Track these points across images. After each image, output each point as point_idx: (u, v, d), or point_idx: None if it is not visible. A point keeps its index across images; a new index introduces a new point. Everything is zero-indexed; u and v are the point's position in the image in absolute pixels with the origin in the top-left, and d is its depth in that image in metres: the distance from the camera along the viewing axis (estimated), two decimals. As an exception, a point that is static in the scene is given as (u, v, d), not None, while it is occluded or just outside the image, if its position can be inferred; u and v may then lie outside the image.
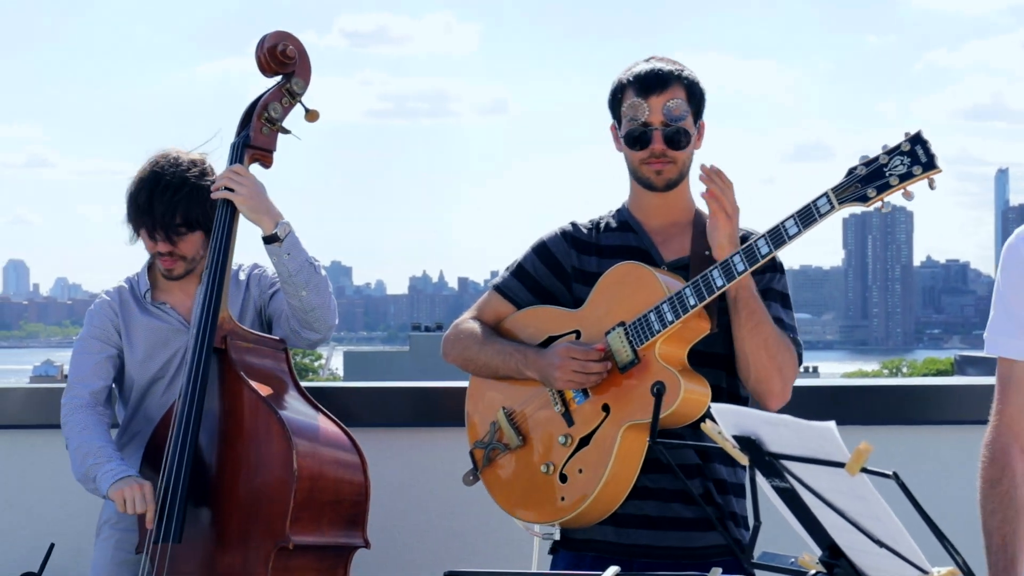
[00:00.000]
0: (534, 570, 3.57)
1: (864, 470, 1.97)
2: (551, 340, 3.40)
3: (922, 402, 4.44)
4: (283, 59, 3.87)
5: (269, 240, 3.80)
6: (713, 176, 3.22)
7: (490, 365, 3.48)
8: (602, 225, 3.50)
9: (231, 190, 3.81)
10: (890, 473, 1.97)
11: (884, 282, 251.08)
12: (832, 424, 1.98)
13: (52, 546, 3.80)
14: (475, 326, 3.54)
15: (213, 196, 3.84)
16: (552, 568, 3.43)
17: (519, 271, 3.54)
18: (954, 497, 3.98)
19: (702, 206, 3.43)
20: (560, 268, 3.49)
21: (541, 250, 3.53)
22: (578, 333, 3.37)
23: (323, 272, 3.89)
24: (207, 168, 3.93)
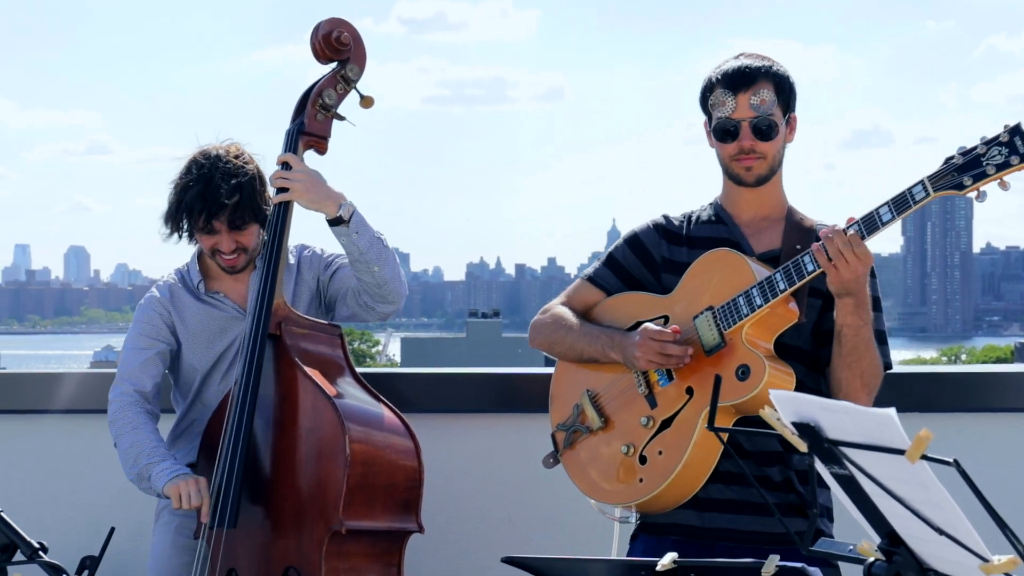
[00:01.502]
0: (613, 555, 3.57)
1: (924, 457, 1.94)
2: (639, 325, 3.41)
3: (981, 389, 4.40)
4: (338, 46, 3.87)
5: (335, 223, 3.80)
6: (833, 238, 3.18)
7: (576, 348, 3.51)
8: (694, 218, 3.53)
9: (286, 190, 3.80)
10: (951, 460, 1.94)
11: (943, 269, 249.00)
12: (892, 411, 1.96)
13: (112, 530, 3.81)
14: (563, 311, 3.58)
15: (273, 200, 3.83)
16: (631, 553, 3.44)
17: (610, 260, 3.58)
18: (1014, 484, 3.94)
19: (794, 202, 3.45)
20: (650, 258, 3.52)
21: (632, 240, 3.57)
22: (666, 318, 3.40)
23: (388, 244, 3.88)
24: (246, 156, 3.93)
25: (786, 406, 2.14)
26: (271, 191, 3.88)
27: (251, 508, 3.72)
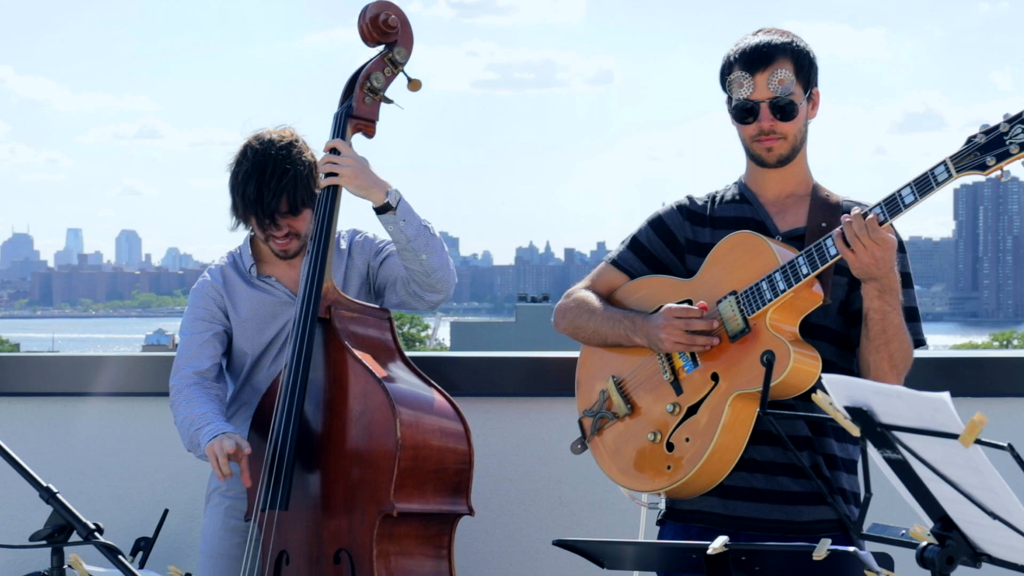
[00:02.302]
0: (641, 538, 3.56)
1: (978, 441, 1.93)
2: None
3: (1035, 374, 4.36)
4: (385, 28, 3.88)
5: (381, 210, 3.80)
6: (851, 222, 3.12)
7: (599, 332, 3.48)
8: (718, 198, 3.49)
9: (334, 175, 3.81)
10: (1005, 445, 1.93)
11: (995, 253, 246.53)
12: (946, 395, 1.95)
13: (166, 512, 3.86)
14: (587, 295, 3.55)
15: (321, 185, 3.84)
16: (661, 539, 3.42)
17: (634, 243, 3.54)
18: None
19: (820, 179, 3.41)
20: (674, 240, 3.49)
21: (656, 223, 3.53)
22: (690, 302, 3.36)
23: (436, 232, 3.89)
24: (300, 143, 3.94)
25: (839, 390, 2.13)
26: (321, 175, 3.89)
27: (302, 491, 3.74)
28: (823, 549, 2.46)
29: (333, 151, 3.83)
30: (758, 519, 3.31)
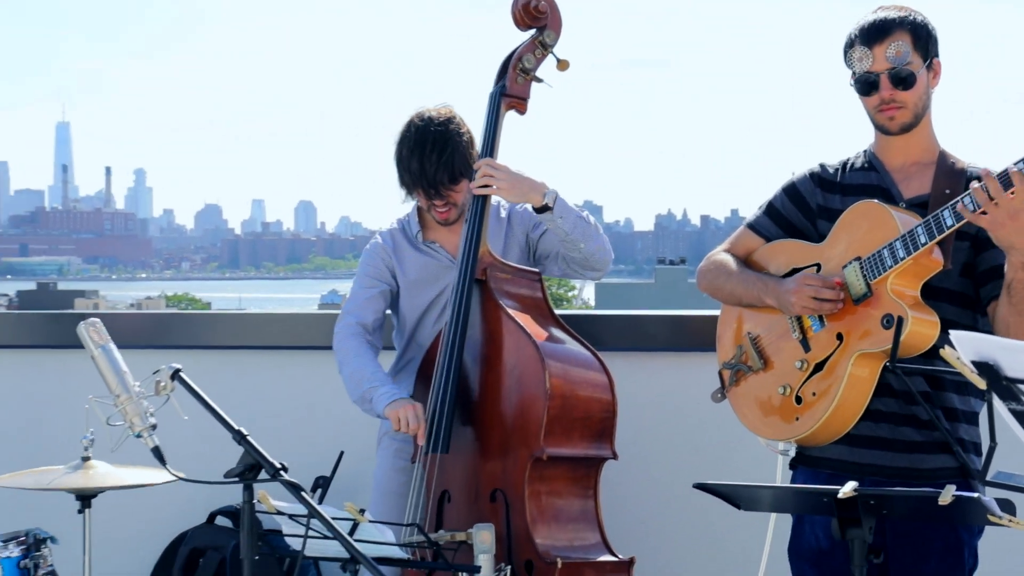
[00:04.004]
0: (778, 483, 3.53)
1: (1100, 395, 1.86)
2: (794, 272, 3.38)
3: None
4: (536, 14, 3.90)
5: (540, 211, 3.83)
6: (987, 182, 3.01)
7: (735, 293, 3.48)
8: (848, 165, 3.44)
9: (489, 187, 3.82)
10: None
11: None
12: (1069, 350, 1.88)
13: (342, 453, 3.92)
14: (725, 258, 3.55)
15: (476, 192, 3.84)
16: (793, 483, 3.39)
17: (769, 209, 3.53)
18: None
19: (947, 146, 3.33)
20: (806, 206, 3.46)
21: (790, 189, 3.50)
22: (819, 266, 3.34)
23: (591, 219, 3.90)
24: (457, 119, 3.97)
25: (966, 346, 2.08)
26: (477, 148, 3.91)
27: (462, 436, 3.78)
28: (948, 495, 2.40)
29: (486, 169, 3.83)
30: (883, 466, 3.27)
